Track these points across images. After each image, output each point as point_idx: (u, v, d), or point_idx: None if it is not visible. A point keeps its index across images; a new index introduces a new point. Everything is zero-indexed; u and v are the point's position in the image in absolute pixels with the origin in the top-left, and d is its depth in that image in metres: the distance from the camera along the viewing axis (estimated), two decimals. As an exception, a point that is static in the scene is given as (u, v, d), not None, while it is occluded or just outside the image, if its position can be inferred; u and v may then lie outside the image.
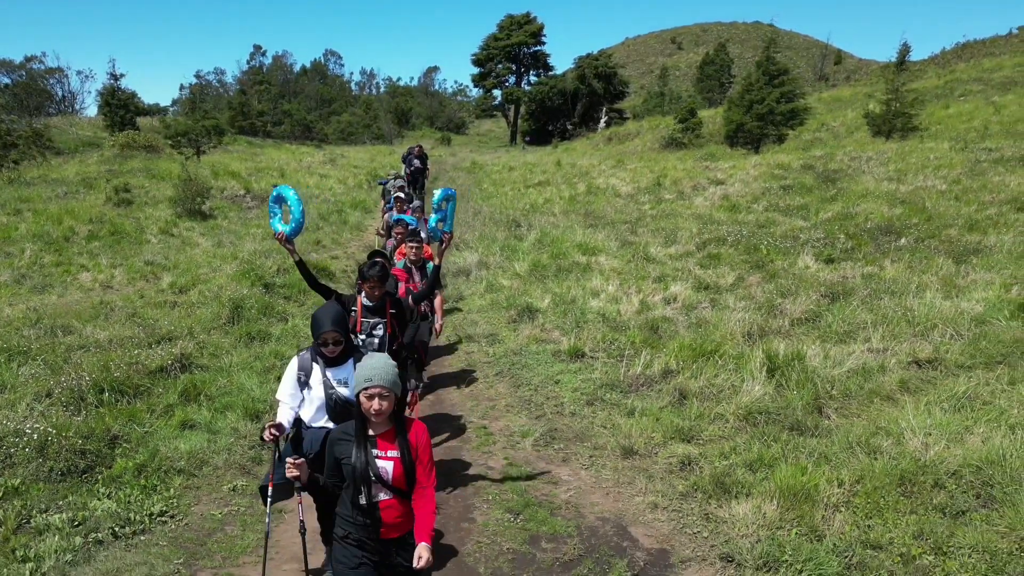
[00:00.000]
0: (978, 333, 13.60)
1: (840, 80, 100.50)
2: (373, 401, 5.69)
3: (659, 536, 9.00)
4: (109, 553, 8.66)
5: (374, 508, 5.87)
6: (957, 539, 7.97)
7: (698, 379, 12.91)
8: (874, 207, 24.07)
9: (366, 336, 9.44)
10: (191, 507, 9.84)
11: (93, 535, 8.90)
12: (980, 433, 9.95)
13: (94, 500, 9.63)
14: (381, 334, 9.44)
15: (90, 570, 8.30)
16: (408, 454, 5.82)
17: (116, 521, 9.19)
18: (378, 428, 5.88)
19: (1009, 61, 54.94)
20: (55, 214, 26.98)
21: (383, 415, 5.76)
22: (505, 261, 22.86)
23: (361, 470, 5.77)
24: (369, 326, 9.46)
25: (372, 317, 9.47)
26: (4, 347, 13.76)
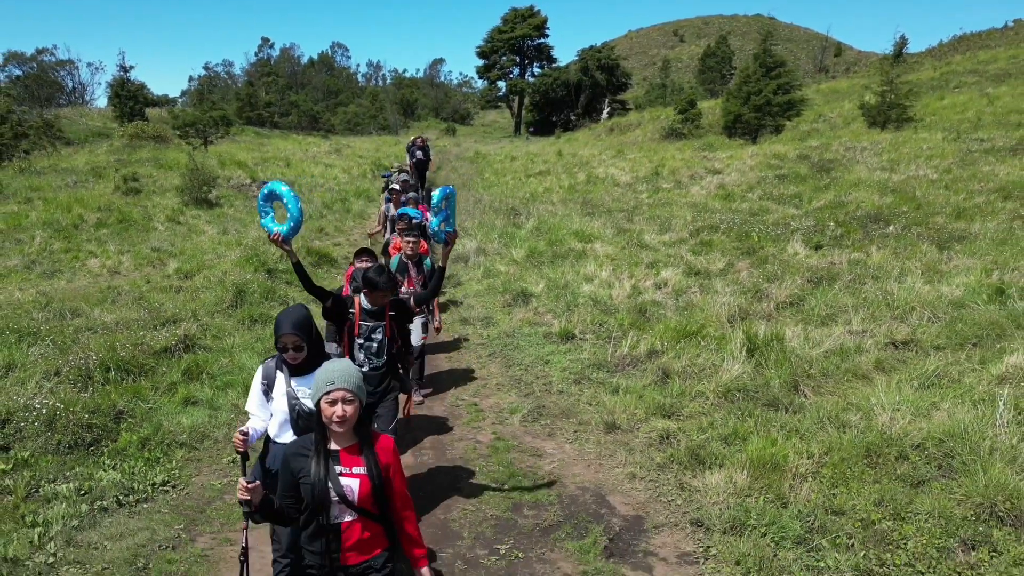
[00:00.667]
0: (955, 316, 14.05)
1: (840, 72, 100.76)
2: (336, 407, 5.13)
3: (635, 504, 9.48)
4: (113, 519, 9.12)
5: (334, 530, 5.33)
6: (915, 506, 8.44)
7: (681, 359, 13.39)
8: (865, 196, 24.50)
9: (364, 340, 8.99)
10: (192, 478, 10.30)
11: (98, 503, 9.36)
12: (946, 409, 10.40)
13: (100, 471, 10.08)
14: (380, 338, 9.01)
15: (95, 535, 8.77)
16: (376, 470, 5.28)
17: (120, 490, 9.65)
18: (341, 441, 5.31)
19: (1004, 53, 55.19)
20: (65, 202, 27.48)
21: (347, 424, 5.18)
22: (503, 248, 23.32)
23: (321, 488, 5.19)
24: (368, 329, 9.00)
25: (371, 320, 8.97)
26: (15, 328, 14.24)
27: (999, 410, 9.87)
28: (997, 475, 8.52)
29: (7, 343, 13.68)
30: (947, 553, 7.67)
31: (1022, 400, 10.18)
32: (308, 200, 31.89)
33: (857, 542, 8.02)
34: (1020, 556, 7.44)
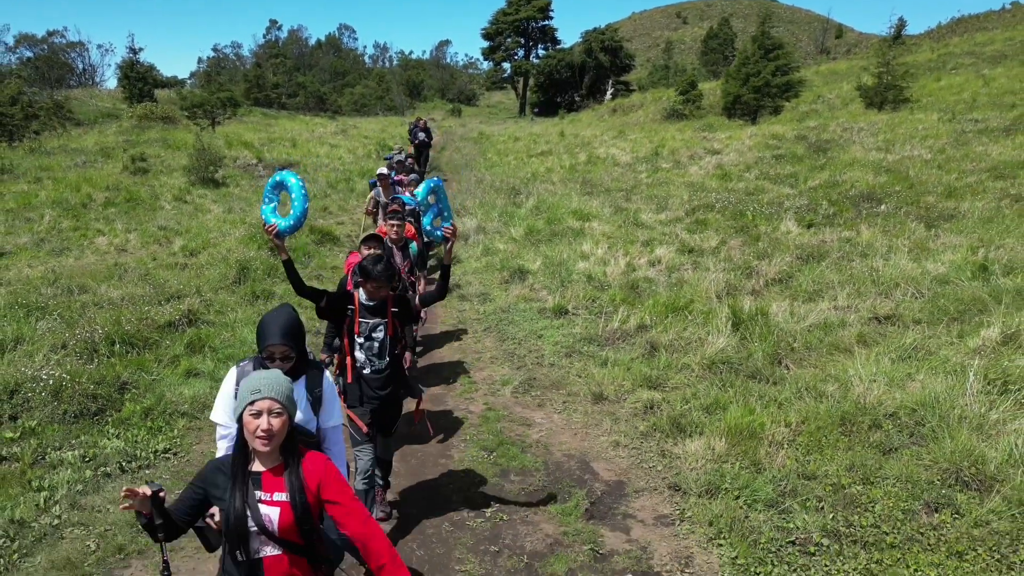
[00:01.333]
0: (938, 292, 14.37)
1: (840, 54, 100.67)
2: (261, 419, 4.51)
3: (618, 470, 9.87)
4: (116, 484, 9.50)
5: (255, 567, 4.68)
6: (884, 471, 8.84)
7: (669, 333, 13.77)
8: (860, 175, 24.76)
9: (365, 339, 8.30)
10: (192, 446, 10.68)
11: (102, 469, 9.76)
12: (920, 380, 10.77)
13: (104, 439, 10.47)
14: (381, 336, 8.32)
15: (98, 499, 9.18)
16: (301, 495, 4.60)
17: (123, 457, 10.04)
18: (265, 461, 4.66)
19: (1001, 35, 55.21)
20: (74, 182, 27.85)
21: (273, 440, 4.56)
22: (502, 226, 23.60)
23: (238, 517, 4.57)
24: (368, 328, 8.30)
25: (372, 317, 8.26)
26: (23, 303, 14.63)
27: (969, 380, 10.23)
28: (963, 441, 8.91)
29: (16, 317, 14.06)
30: (911, 515, 8.06)
31: (991, 370, 10.53)
32: (313, 180, 32.21)
33: (827, 505, 8.41)
34: (981, 518, 7.81)
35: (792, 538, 7.92)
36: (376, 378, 8.38)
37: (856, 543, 7.73)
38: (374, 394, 8.37)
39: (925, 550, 7.52)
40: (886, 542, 7.67)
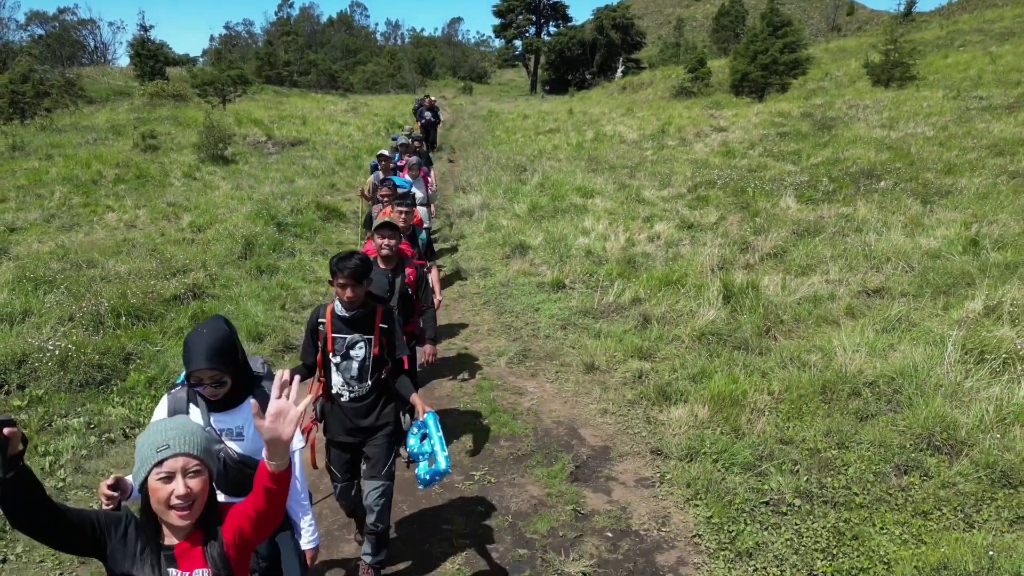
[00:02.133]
0: (929, 266, 14.60)
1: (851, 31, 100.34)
2: (174, 483, 3.52)
3: (604, 436, 10.18)
4: (119, 450, 9.86)
5: None
6: (860, 436, 9.15)
7: (661, 305, 14.07)
8: (862, 152, 24.89)
9: (341, 359, 6.84)
10: (199, 412, 11.02)
11: (106, 435, 10.08)
12: (902, 350, 11.06)
13: (109, 407, 10.79)
14: (362, 355, 6.85)
15: (102, 463, 9.51)
16: (226, 568, 3.73)
17: (127, 424, 10.38)
18: (178, 532, 3.67)
19: (1010, 12, 54.95)
20: (84, 159, 28.22)
21: (194, 509, 3.61)
22: (507, 203, 23.83)
23: None
24: (344, 344, 6.82)
25: (349, 332, 6.80)
26: (31, 277, 14.94)
27: (948, 350, 10.52)
28: (937, 408, 9.22)
29: (24, 291, 14.37)
30: (882, 477, 8.37)
31: (970, 341, 10.81)
32: (322, 157, 32.49)
33: (802, 468, 8.72)
34: (948, 480, 8.12)
35: (766, 499, 8.23)
36: (355, 408, 6.97)
37: (827, 503, 8.04)
38: (353, 425, 6.97)
39: (892, 510, 7.82)
40: (855, 502, 7.98)
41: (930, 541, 7.24)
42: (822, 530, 7.61)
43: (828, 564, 7.12)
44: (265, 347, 13.24)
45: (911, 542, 7.29)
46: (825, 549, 7.34)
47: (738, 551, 7.46)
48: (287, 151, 34.03)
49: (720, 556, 7.45)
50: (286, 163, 31.18)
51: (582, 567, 7.38)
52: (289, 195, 24.14)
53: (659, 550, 7.69)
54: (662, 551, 7.67)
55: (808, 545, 7.43)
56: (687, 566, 7.40)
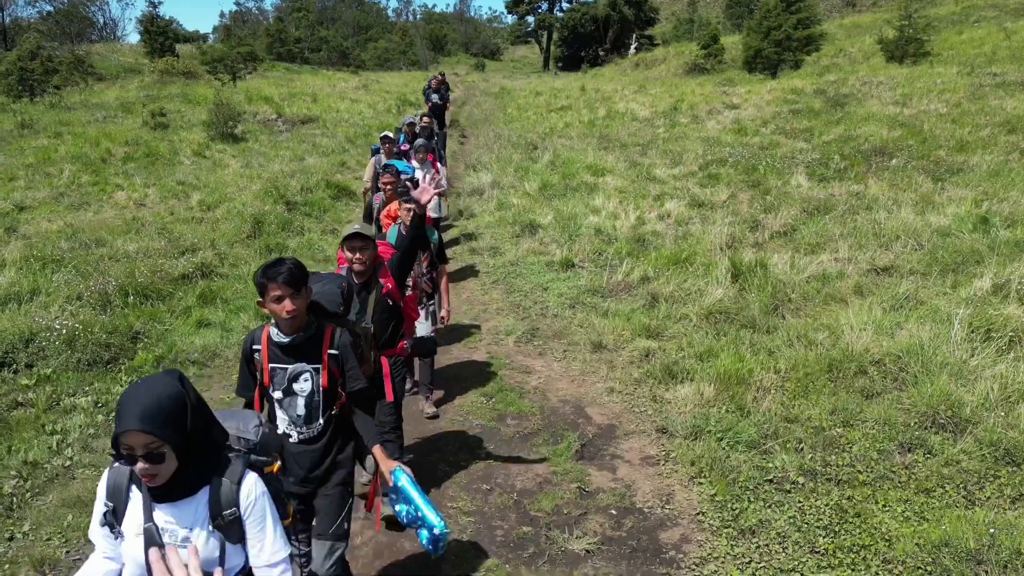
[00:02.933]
0: (938, 244, 14.60)
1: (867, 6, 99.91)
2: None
3: (610, 414, 10.20)
4: (127, 429, 9.92)
5: None
6: (865, 414, 9.18)
7: (670, 284, 14.07)
8: (874, 130, 24.83)
9: (283, 394, 5.49)
10: (203, 392, 10.99)
11: (114, 414, 10.15)
12: (909, 328, 11.07)
13: (116, 386, 10.85)
14: (309, 389, 5.48)
15: (109, 442, 9.58)
16: None
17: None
18: None
19: (1026, -13, 54.93)
20: (93, 137, 28.27)
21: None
22: (518, 181, 23.79)
23: None
24: (285, 377, 5.44)
25: (291, 361, 5.42)
26: (40, 256, 15.01)
27: (954, 328, 10.53)
28: (942, 386, 9.24)
29: (32, 270, 14.46)
30: (886, 455, 8.39)
31: (977, 319, 10.81)
32: (332, 135, 32.47)
33: (806, 446, 8.74)
34: (952, 457, 8.14)
35: (770, 477, 8.25)
36: (305, 453, 5.66)
37: (830, 481, 8.06)
38: (304, 475, 5.68)
39: (895, 487, 7.84)
40: (859, 480, 8.00)
41: (932, 518, 7.26)
42: (825, 508, 7.64)
43: (830, 541, 7.15)
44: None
45: (913, 519, 7.32)
46: (828, 526, 7.37)
47: (741, 528, 7.49)
48: (297, 129, 33.98)
49: (723, 533, 7.48)
50: (296, 141, 31.16)
51: (586, 544, 7.41)
52: (299, 173, 24.17)
53: (663, 527, 7.72)
54: (665, 528, 7.70)
55: (811, 522, 7.45)
56: (690, 543, 7.43)
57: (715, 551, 7.24)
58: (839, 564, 6.85)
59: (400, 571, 7.24)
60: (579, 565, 7.18)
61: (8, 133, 29.72)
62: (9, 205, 19.64)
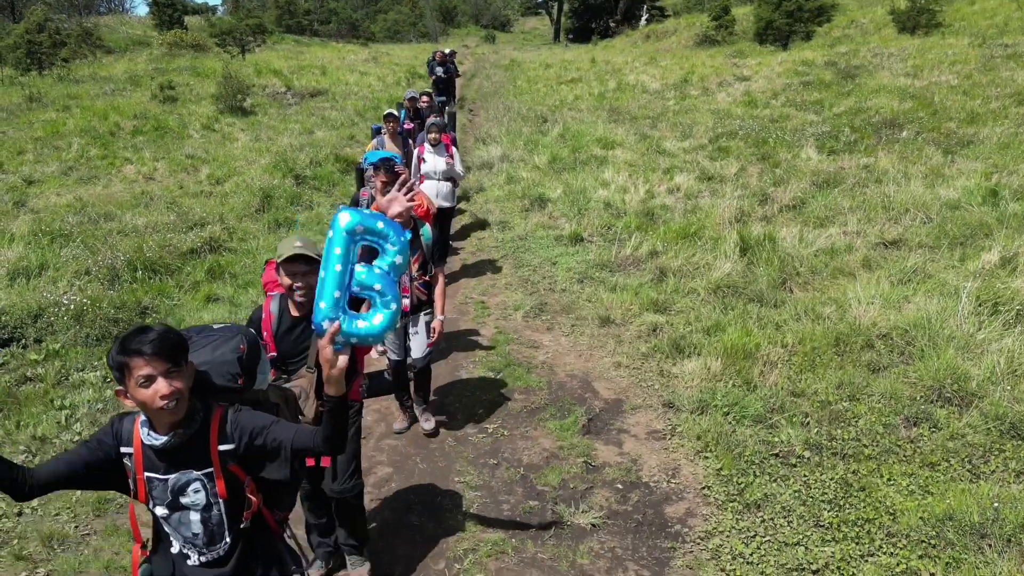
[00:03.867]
0: (947, 217, 14.59)
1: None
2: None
3: (617, 389, 10.23)
4: (136, 404, 9.97)
5: None
6: (871, 388, 9.20)
7: (678, 258, 14.06)
8: (885, 102, 24.77)
9: (168, 510, 3.89)
10: (214, 372, 11.08)
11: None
12: (916, 302, 11.06)
13: (125, 361, 10.91)
14: (203, 501, 3.88)
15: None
16: None
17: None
18: None
19: (1039, -43, 54.56)
20: (102, 110, 28.30)
21: None
22: (527, 154, 23.72)
23: None
24: (167, 490, 3.84)
25: (171, 469, 3.82)
26: (48, 231, 15.07)
27: (962, 302, 10.53)
28: (949, 360, 9.26)
29: (40, 245, 14.52)
30: (891, 429, 8.42)
31: (985, 292, 10.80)
32: (341, 108, 32.40)
33: (812, 420, 8.76)
34: (957, 431, 8.16)
35: (776, 451, 8.28)
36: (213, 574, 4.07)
37: (836, 455, 8.09)
38: None
39: (900, 461, 7.87)
40: (864, 454, 8.03)
41: (936, 492, 7.29)
42: (830, 481, 7.67)
43: (835, 515, 7.18)
44: (281, 300, 13.29)
45: (917, 493, 7.35)
46: (832, 500, 7.40)
47: (746, 502, 7.52)
48: (306, 102, 33.94)
49: (728, 507, 7.51)
50: (305, 114, 31.12)
51: (592, 518, 7.45)
52: (308, 147, 24.17)
53: (668, 502, 7.76)
54: (671, 502, 7.74)
55: (816, 496, 7.48)
56: (695, 517, 7.47)
57: (720, 525, 7.28)
58: (843, 538, 6.88)
59: (406, 547, 7.29)
60: (585, 539, 7.23)
61: (16, 106, 29.82)
62: (18, 179, 19.74)
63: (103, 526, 7.53)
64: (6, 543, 7.24)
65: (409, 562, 7.00)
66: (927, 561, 6.49)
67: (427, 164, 13.66)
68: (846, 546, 6.77)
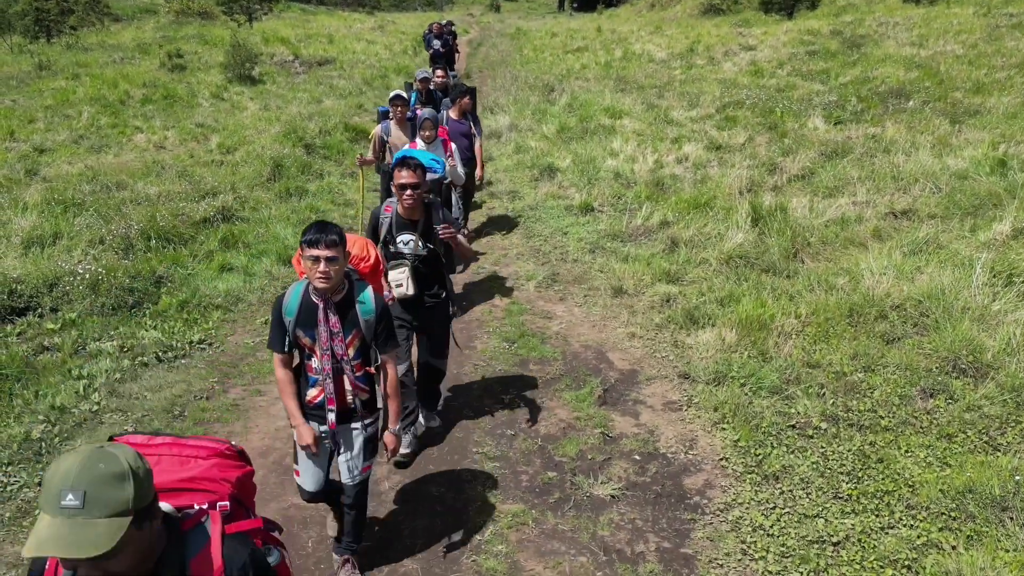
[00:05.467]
0: (956, 187, 14.62)
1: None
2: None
3: (632, 359, 10.27)
4: (153, 373, 9.99)
5: None
6: (886, 359, 9.24)
7: (690, 228, 14.08)
8: (891, 71, 24.79)
9: None
10: (227, 337, 11.11)
11: (139, 359, 10.21)
12: (929, 272, 11.10)
13: (141, 331, 10.93)
14: None
15: (136, 386, 9.65)
16: None
17: (160, 347, 10.49)
18: None
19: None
20: (111, 78, 28.27)
21: None
22: (535, 124, 23.70)
23: None
24: None
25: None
26: (61, 200, 15.10)
27: (976, 273, 10.56)
28: (964, 331, 9.31)
29: (53, 214, 14.54)
30: (907, 400, 8.48)
31: (998, 263, 10.84)
32: (349, 77, 32.40)
33: (828, 392, 8.82)
34: (974, 402, 8.21)
35: (792, 422, 8.33)
36: None
37: (852, 426, 8.14)
38: None
39: (917, 432, 7.92)
40: (881, 425, 8.08)
41: (955, 464, 7.35)
42: (848, 453, 7.72)
43: (853, 487, 7.23)
44: (295, 270, 13.31)
45: (935, 465, 7.40)
46: (851, 472, 7.45)
47: (765, 474, 7.57)
48: (314, 70, 33.94)
49: (747, 479, 7.56)
50: (313, 83, 31.12)
51: (611, 490, 7.50)
52: (317, 116, 24.17)
53: (686, 473, 7.81)
54: (689, 474, 7.79)
55: (834, 468, 7.54)
56: (714, 489, 7.52)
57: (739, 497, 7.33)
58: (863, 510, 6.94)
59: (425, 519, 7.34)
60: (605, 510, 7.27)
61: (26, 74, 29.82)
62: (29, 147, 19.73)
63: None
64: (28, 512, 7.28)
65: (430, 534, 7.05)
66: (948, 534, 6.55)
67: None
68: (866, 518, 6.83)
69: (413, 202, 7.36)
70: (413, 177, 7.30)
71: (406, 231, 7.56)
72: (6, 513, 7.25)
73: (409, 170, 7.29)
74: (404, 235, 7.52)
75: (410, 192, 7.30)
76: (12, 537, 6.97)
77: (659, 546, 6.82)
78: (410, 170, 7.29)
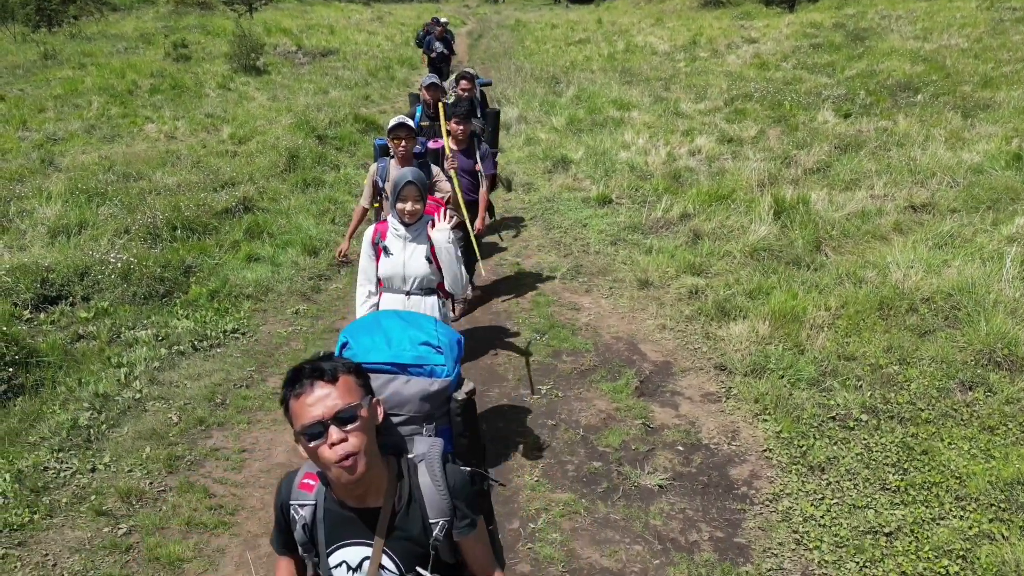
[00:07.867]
0: (973, 181, 14.71)
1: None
2: None
3: (664, 351, 10.34)
4: (190, 362, 10.07)
5: None
6: (920, 352, 9.31)
7: (711, 221, 14.14)
8: (897, 65, 24.87)
9: None
10: (259, 326, 11.18)
11: (176, 347, 10.30)
12: (956, 266, 11.17)
13: (174, 320, 11.01)
14: None
15: (175, 375, 9.73)
16: None
17: (195, 336, 10.56)
18: None
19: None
20: (118, 68, 28.29)
21: None
22: (543, 116, 23.75)
23: None
24: None
25: None
26: (83, 189, 15.14)
27: (1006, 266, 10.64)
28: (998, 325, 9.35)
29: (78, 203, 14.60)
30: (946, 393, 8.55)
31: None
32: (354, 68, 32.41)
33: (865, 384, 8.88)
34: (1013, 395, 8.29)
35: (832, 414, 8.41)
36: None
37: (893, 418, 8.21)
38: None
39: (959, 425, 8.00)
40: (922, 417, 8.15)
41: (999, 456, 7.42)
42: (891, 445, 7.80)
43: (900, 478, 7.31)
44: (321, 261, 13.38)
45: (980, 457, 7.48)
46: (896, 464, 7.53)
47: (810, 465, 7.65)
48: (318, 61, 33.94)
49: (793, 470, 7.63)
50: (318, 74, 31.11)
51: (658, 480, 7.57)
52: (325, 107, 24.16)
53: (732, 464, 7.88)
54: (735, 465, 7.86)
55: (878, 459, 7.61)
56: (760, 479, 7.59)
57: (787, 487, 7.41)
58: (912, 501, 7.02)
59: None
60: (654, 500, 7.35)
61: (32, 64, 29.84)
62: (42, 137, 19.79)
63: (177, 482, 7.65)
64: (84, 498, 7.36)
65: (483, 521, 7.11)
66: (999, 524, 6.63)
67: None
68: (916, 509, 6.90)
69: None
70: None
71: None
72: (63, 499, 7.32)
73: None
74: None
75: None
76: (71, 523, 7.04)
77: (712, 535, 6.90)
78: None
